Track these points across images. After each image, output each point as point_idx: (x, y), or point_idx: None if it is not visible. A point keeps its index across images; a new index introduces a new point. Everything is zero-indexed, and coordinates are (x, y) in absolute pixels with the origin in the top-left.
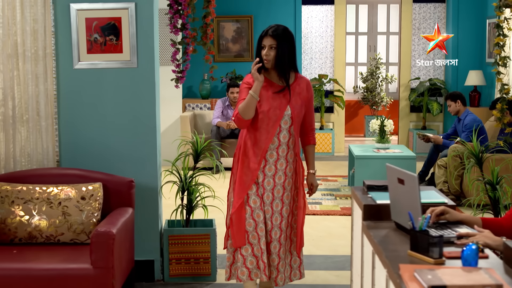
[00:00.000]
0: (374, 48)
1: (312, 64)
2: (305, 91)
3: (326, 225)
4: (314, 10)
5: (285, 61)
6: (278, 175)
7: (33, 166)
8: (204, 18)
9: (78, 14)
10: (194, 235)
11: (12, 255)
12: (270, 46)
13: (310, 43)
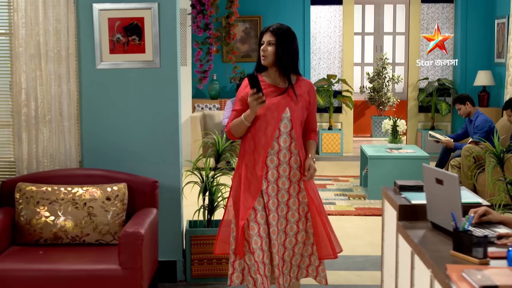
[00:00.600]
0: (380, 48)
1: (320, 64)
2: (307, 94)
3: (342, 225)
4: (322, 11)
5: (288, 60)
6: (282, 180)
7: (55, 166)
8: (227, 18)
9: (100, 14)
10: None
11: (38, 256)
12: (268, 42)
13: (318, 43)
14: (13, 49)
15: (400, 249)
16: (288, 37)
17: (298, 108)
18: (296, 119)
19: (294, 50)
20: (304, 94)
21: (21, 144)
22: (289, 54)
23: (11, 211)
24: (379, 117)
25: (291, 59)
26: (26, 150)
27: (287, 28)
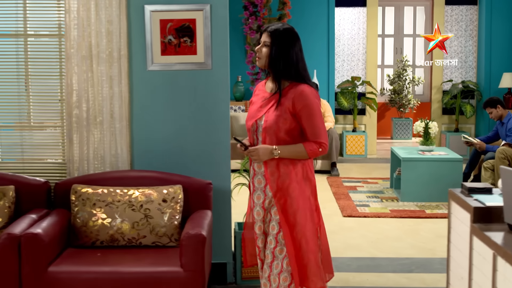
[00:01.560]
0: (400, 50)
1: (344, 66)
2: (290, 101)
3: (380, 227)
4: (346, 12)
5: (279, 64)
6: (257, 193)
7: (106, 168)
8: (280, 20)
9: (152, 15)
10: None
11: (97, 258)
12: (264, 43)
13: (342, 45)
14: (65, 50)
15: (475, 251)
16: (286, 39)
17: (274, 116)
18: (269, 128)
19: (288, 53)
20: (286, 101)
21: (72, 145)
22: (284, 58)
23: (66, 213)
24: (399, 119)
25: (284, 63)
26: (78, 152)
27: (286, 29)
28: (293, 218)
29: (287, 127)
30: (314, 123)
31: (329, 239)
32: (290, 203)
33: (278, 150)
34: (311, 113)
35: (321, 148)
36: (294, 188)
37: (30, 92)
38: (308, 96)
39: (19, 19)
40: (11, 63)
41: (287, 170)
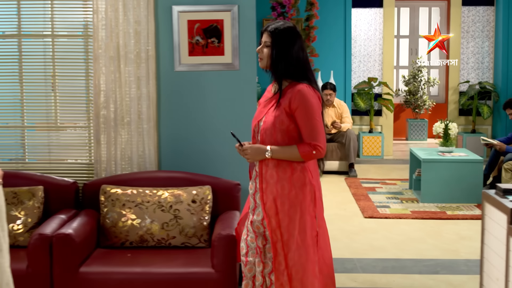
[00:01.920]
0: (415, 51)
1: (360, 67)
2: (287, 101)
3: (403, 228)
4: (362, 13)
5: (280, 64)
6: (259, 195)
7: (133, 169)
8: (307, 21)
9: (180, 16)
10: None
11: (127, 259)
12: (264, 43)
13: (359, 46)
14: (93, 51)
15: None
16: (286, 38)
17: (272, 117)
18: (267, 128)
19: (289, 53)
20: (284, 101)
21: (99, 146)
22: (285, 57)
23: (94, 213)
24: (414, 120)
25: (285, 63)
26: (105, 152)
27: (286, 28)
28: (291, 226)
29: (284, 128)
30: (310, 124)
31: (352, 240)
32: (288, 210)
33: (271, 150)
34: (307, 113)
35: (315, 151)
36: (293, 194)
37: (57, 92)
38: (305, 95)
39: (46, 20)
40: (39, 64)
41: (286, 174)
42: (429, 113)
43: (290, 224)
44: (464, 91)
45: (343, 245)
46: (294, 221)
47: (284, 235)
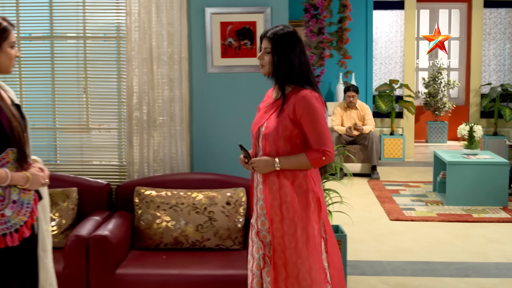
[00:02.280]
0: (435, 53)
1: (381, 69)
2: (292, 106)
3: (429, 231)
4: (383, 15)
5: (282, 69)
6: (260, 203)
7: (165, 171)
8: (340, 23)
9: (213, 18)
10: None
11: (163, 261)
12: (265, 49)
13: (380, 48)
14: (126, 53)
15: None
16: (287, 43)
17: (275, 122)
18: (269, 134)
19: (290, 58)
20: (287, 107)
21: (132, 148)
22: (286, 63)
23: (128, 215)
24: (434, 122)
25: (287, 69)
26: (138, 154)
27: (286, 32)
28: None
29: (288, 134)
30: (317, 129)
31: (379, 243)
32: (292, 217)
33: (280, 162)
34: (313, 119)
35: (325, 157)
36: (296, 201)
37: (88, 94)
38: (310, 101)
39: (79, 21)
40: (70, 66)
41: (288, 181)
42: (449, 115)
43: (294, 232)
44: (486, 93)
45: (371, 248)
46: (298, 228)
47: (288, 243)
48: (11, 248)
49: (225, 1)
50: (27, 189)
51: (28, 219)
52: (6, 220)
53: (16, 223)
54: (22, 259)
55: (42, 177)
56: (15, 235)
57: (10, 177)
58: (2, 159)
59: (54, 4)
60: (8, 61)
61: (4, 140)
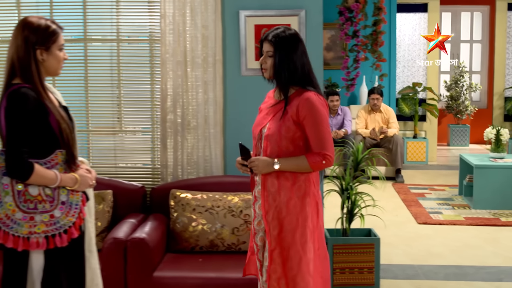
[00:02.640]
0: (457, 56)
1: (404, 72)
2: (295, 108)
3: (458, 235)
4: (407, 18)
5: (284, 72)
6: (258, 204)
7: (199, 173)
8: (374, 25)
9: (247, 20)
10: (359, 244)
11: (199, 264)
12: (267, 53)
13: (403, 51)
14: (160, 55)
15: None
16: (289, 45)
17: (277, 124)
18: (271, 136)
19: (292, 59)
20: (291, 109)
21: (166, 150)
22: (288, 65)
23: (163, 218)
24: (456, 125)
25: (288, 71)
26: (171, 157)
27: (287, 35)
28: (291, 237)
29: (290, 136)
30: (318, 132)
31: (409, 246)
32: (289, 220)
33: (279, 162)
34: (316, 122)
35: (325, 161)
36: (294, 204)
37: (121, 97)
38: (314, 103)
39: (113, 24)
40: (104, 68)
41: (288, 183)
42: (471, 118)
43: (291, 234)
44: (510, 97)
45: (401, 252)
46: (295, 231)
47: (285, 245)
48: (60, 249)
49: (260, 4)
50: (75, 190)
51: (76, 220)
52: (55, 221)
53: (65, 224)
54: (70, 260)
55: (89, 179)
56: (64, 235)
57: (60, 178)
58: (51, 161)
59: (87, 7)
60: (56, 64)
61: (53, 142)
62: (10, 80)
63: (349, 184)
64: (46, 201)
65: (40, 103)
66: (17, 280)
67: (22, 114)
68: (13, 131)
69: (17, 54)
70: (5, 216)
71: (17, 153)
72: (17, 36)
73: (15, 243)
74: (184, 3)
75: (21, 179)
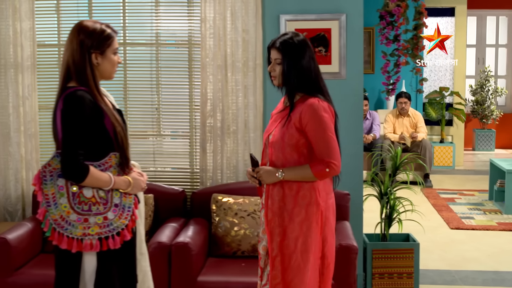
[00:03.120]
0: (482, 60)
1: (431, 76)
2: (298, 115)
3: (493, 240)
4: (434, 22)
5: (293, 78)
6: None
7: (238, 178)
8: (416, 30)
9: (287, 25)
10: (398, 250)
11: (242, 268)
12: (275, 60)
13: (430, 55)
14: (200, 59)
15: None
16: (296, 52)
17: (281, 130)
18: (275, 143)
19: (300, 65)
20: (294, 115)
21: (205, 155)
22: (296, 72)
23: (204, 222)
24: (482, 130)
25: (297, 77)
26: (211, 161)
27: (295, 41)
28: (293, 245)
29: (293, 142)
30: (321, 139)
31: (443, 251)
32: (292, 228)
33: (283, 172)
34: (319, 129)
35: (329, 168)
36: (298, 212)
37: (160, 101)
38: (316, 109)
39: (152, 28)
40: (143, 72)
41: (292, 192)
42: (496, 123)
43: (293, 243)
44: None
45: (437, 257)
46: (296, 239)
47: (286, 252)
48: (113, 251)
49: (300, 8)
50: (128, 193)
51: (129, 222)
52: (108, 223)
53: (118, 226)
54: (122, 262)
55: (142, 182)
56: (117, 238)
57: (113, 181)
58: (105, 163)
59: (127, 11)
60: (111, 67)
61: (108, 144)
62: (65, 84)
63: (388, 189)
64: (100, 203)
65: (96, 106)
66: (70, 282)
67: (79, 117)
68: (70, 133)
69: (73, 58)
70: (60, 217)
71: (73, 155)
72: (72, 40)
73: (69, 245)
74: (224, 7)
75: (76, 181)
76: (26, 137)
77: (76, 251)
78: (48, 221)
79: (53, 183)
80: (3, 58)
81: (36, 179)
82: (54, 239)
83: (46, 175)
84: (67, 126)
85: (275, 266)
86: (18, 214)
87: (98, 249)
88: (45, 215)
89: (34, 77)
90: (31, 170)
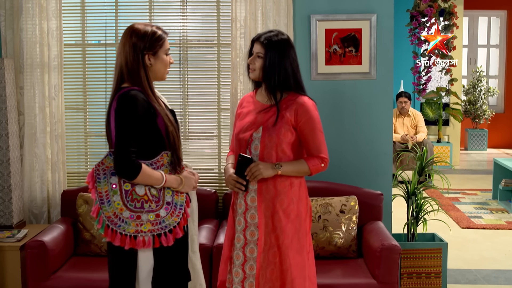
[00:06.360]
0: (474, 61)
1: None
2: (292, 113)
3: (506, 239)
4: None
5: (273, 75)
6: (250, 213)
7: None
8: (446, 30)
9: (318, 25)
10: (426, 249)
11: None
12: (257, 54)
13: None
14: (231, 59)
15: None
16: (280, 49)
17: (275, 128)
18: (268, 141)
19: (285, 65)
20: (288, 113)
21: None
22: (278, 69)
23: None
24: (474, 130)
25: (278, 75)
26: None
27: (280, 39)
28: (291, 242)
29: (288, 140)
30: (316, 137)
31: (460, 251)
32: (286, 223)
33: (281, 166)
34: (314, 127)
35: (323, 164)
36: (292, 209)
37: (188, 101)
38: (310, 108)
39: (180, 28)
40: (172, 72)
41: (284, 188)
42: (488, 123)
43: (289, 240)
44: None
45: (455, 256)
46: (294, 237)
47: (283, 251)
48: (166, 249)
49: (331, 9)
50: (180, 192)
51: (181, 220)
52: (160, 221)
53: (170, 224)
54: (175, 259)
55: (194, 180)
56: (169, 235)
57: (165, 179)
58: (157, 162)
59: (153, 11)
60: (163, 68)
61: (160, 143)
62: (119, 85)
63: (416, 188)
64: (152, 201)
65: (149, 105)
66: (126, 280)
67: (132, 116)
68: (123, 132)
69: (126, 60)
70: (113, 214)
71: (126, 153)
72: (125, 43)
73: (123, 241)
74: (255, 7)
75: (129, 179)
76: (53, 138)
77: (129, 249)
78: (101, 218)
79: (106, 181)
80: (29, 58)
81: (89, 177)
82: (107, 236)
83: (99, 173)
84: (121, 124)
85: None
86: (43, 217)
87: (151, 246)
88: (99, 213)
89: (61, 78)
90: (57, 172)
